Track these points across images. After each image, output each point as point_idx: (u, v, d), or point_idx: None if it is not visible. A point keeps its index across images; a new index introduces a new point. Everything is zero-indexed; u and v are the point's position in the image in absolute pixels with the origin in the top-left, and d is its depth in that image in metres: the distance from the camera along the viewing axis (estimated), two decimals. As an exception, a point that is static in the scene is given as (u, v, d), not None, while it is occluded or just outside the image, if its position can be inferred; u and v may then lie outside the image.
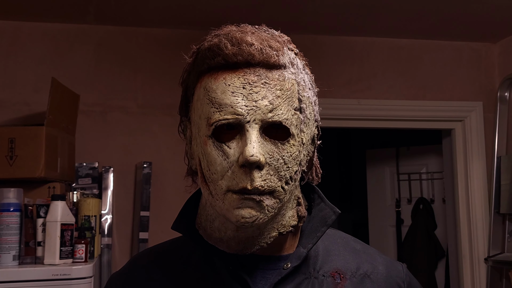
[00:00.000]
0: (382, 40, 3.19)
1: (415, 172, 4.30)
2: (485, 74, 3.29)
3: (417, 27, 3.05)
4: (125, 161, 2.78)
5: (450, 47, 3.26)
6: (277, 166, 0.80)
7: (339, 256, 0.93)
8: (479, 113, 3.26)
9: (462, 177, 3.24)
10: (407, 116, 3.22)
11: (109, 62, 2.87)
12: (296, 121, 0.83)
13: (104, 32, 2.88)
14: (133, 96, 2.86)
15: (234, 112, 0.79)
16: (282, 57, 0.85)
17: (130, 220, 2.77)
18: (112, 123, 2.82)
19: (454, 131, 3.29)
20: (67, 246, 1.97)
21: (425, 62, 3.24)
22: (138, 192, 2.72)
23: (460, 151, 3.27)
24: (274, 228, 0.86)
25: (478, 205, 3.20)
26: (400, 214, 4.35)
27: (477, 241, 3.17)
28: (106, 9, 2.70)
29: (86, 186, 2.64)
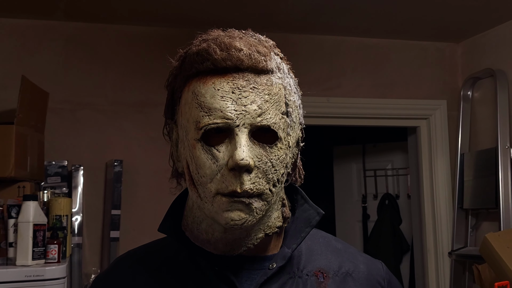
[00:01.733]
0: (351, 39, 3.24)
1: (380, 168, 4.39)
2: (449, 73, 3.38)
3: (385, 27, 3.11)
4: (95, 159, 2.75)
5: (416, 46, 3.34)
6: (265, 169, 0.82)
7: (321, 256, 0.95)
8: (443, 111, 3.35)
9: (427, 173, 3.33)
10: (375, 114, 3.29)
11: (78, 59, 2.83)
12: (283, 124, 0.85)
13: (73, 29, 2.83)
14: (103, 93, 2.83)
15: (223, 116, 0.81)
16: (269, 62, 0.87)
17: (100, 219, 2.75)
18: (82, 120, 2.79)
19: (419, 129, 3.38)
20: (39, 247, 1.95)
21: (392, 61, 3.30)
22: (109, 190, 2.70)
23: (425, 148, 3.35)
24: (261, 229, 0.88)
25: (442, 201, 3.29)
26: (366, 209, 4.44)
27: (441, 235, 3.27)
28: (76, 5, 2.66)
29: (55, 185, 2.60)
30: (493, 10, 2.84)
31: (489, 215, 3.09)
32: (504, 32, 3.03)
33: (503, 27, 3.03)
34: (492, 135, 3.05)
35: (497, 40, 3.08)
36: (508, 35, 3.00)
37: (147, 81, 2.87)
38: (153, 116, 2.86)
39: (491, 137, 3.07)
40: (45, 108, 2.53)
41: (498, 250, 2.18)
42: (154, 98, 2.87)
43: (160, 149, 2.83)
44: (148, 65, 2.88)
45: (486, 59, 3.16)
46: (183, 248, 0.92)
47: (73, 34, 2.83)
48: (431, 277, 3.27)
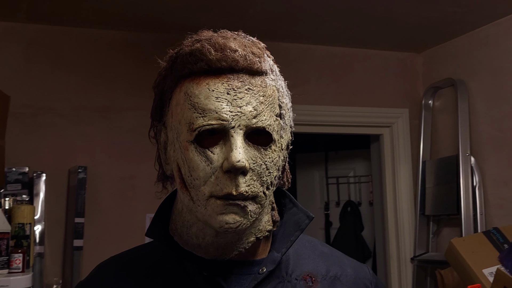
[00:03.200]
0: (316, 47, 3.27)
1: (343, 175, 4.44)
2: (411, 82, 3.46)
3: (349, 36, 3.16)
4: (57, 166, 2.67)
5: (379, 56, 3.40)
6: (260, 171, 0.81)
7: (309, 260, 0.95)
8: (405, 120, 3.42)
9: (390, 181, 3.39)
10: (339, 121, 3.33)
11: (40, 62, 2.74)
12: (277, 127, 0.85)
13: (36, 31, 2.75)
14: (66, 97, 2.75)
15: (219, 117, 0.79)
16: (263, 63, 0.87)
17: (63, 227, 2.66)
18: (44, 125, 2.70)
19: (382, 137, 3.43)
20: (3, 256, 1.87)
21: (356, 69, 3.35)
22: (72, 198, 2.62)
23: (388, 156, 3.41)
24: (252, 233, 0.87)
25: (405, 207, 3.35)
26: (329, 216, 4.48)
27: (403, 241, 3.32)
28: (39, 7, 2.58)
29: (16, 192, 2.50)
30: (453, 22, 2.92)
31: (450, 221, 3.16)
32: (463, 43, 3.13)
33: (463, 38, 3.13)
34: (452, 143, 3.13)
35: (457, 50, 3.17)
36: (467, 46, 3.10)
37: (112, 86, 2.81)
38: (117, 122, 2.80)
39: (452, 145, 3.15)
40: (6, 112, 2.44)
41: (463, 255, 2.23)
42: (118, 103, 2.81)
43: (125, 156, 2.79)
44: (112, 69, 2.83)
45: (446, 69, 3.25)
46: (170, 253, 0.89)
47: (35, 37, 2.75)
48: (393, 282, 3.32)
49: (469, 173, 2.94)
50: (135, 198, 2.72)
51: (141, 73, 2.80)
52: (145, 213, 2.70)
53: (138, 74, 2.81)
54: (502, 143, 2.86)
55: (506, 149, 2.83)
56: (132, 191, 2.74)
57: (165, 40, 3.03)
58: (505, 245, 2.26)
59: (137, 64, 2.83)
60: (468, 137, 3.00)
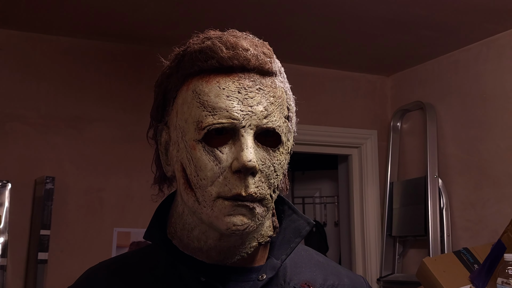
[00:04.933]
0: (287, 66, 3.26)
1: (309, 196, 4.46)
2: (379, 104, 3.52)
3: (321, 56, 3.20)
4: (23, 176, 2.57)
5: (349, 77, 3.45)
6: (268, 173, 0.80)
7: (306, 268, 0.94)
8: (374, 141, 3.47)
9: (357, 201, 3.41)
10: (308, 140, 3.33)
11: (9, 68, 2.66)
12: (285, 129, 0.85)
13: (5, 36, 2.66)
14: (35, 106, 2.67)
15: (229, 116, 0.78)
16: (274, 64, 0.87)
17: (26, 239, 2.55)
18: (10, 133, 2.60)
19: (351, 157, 3.47)
20: (-33, 266, 1.76)
21: (326, 90, 3.39)
22: (37, 209, 2.52)
23: (356, 176, 3.44)
24: (254, 237, 0.86)
25: (372, 228, 3.38)
26: (294, 236, 4.47)
27: (370, 262, 3.34)
28: (11, 12, 2.51)
29: (-22, 201, 2.40)
30: (423, 46, 3.00)
31: (416, 242, 3.20)
32: (432, 67, 3.21)
33: (432, 62, 3.21)
34: (420, 165, 3.19)
35: (427, 74, 3.26)
36: (436, 71, 3.18)
37: (82, 95, 2.74)
38: (87, 132, 2.73)
39: (419, 167, 3.21)
40: (-29, 117, 2.35)
41: (435, 274, 2.25)
42: (89, 113, 2.75)
43: (93, 167, 2.71)
44: (83, 79, 2.77)
45: (415, 92, 3.32)
46: (164, 258, 0.86)
47: (5, 42, 2.66)
48: (359, 303, 3.32)
49: (436, 195, 2.99)
50: (102, 211, 2.65)
51: (112, 84, 2.75)
52: (113, 227, 2.62)
53: (109, 85, 2.76)
54: (469, 166, 2.93)
55: (473, 172, 2.90)
56: (100, 204, 2.66)
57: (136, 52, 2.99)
58: (475, 265, 2.30)
59: (108, 75, 2.78)
60: (436, 159, 3.07)
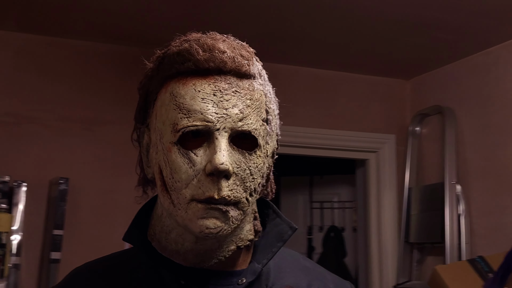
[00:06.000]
0: (304, 70, 3.28)
1: (327, 200, 4.42)
2: (398, 108, 3.47)
3: (337, 60, 3.17)
4: (39, 176, 2.61)
5: (366, 81, 3.41)
6: (244, 176, 0.79)
7: (290, 273, 0.92)
8: (392, 146, 3.42)
9: (374, 207, 3.37)
10: (324, 144, 3.31)
11: (27, 71, 2.71)
12: (263, 132, 0.83)
13: (24, 40, 2.72)
14: (51, 108, 2.72)
15: (203, 118, 0.78)
16: (252, 67, 0.86)
17: (40, 239, 2.60)
18: (27, 135, 2.66)
19: (368, 162, 3.42)
20: (-25, 264, 1.81)
21: (343, 93, 3.36)
22: (52, 209, 2.57)
23: (373, 181, 3.40)
24: (233, 241, 0.85)
25: (389, 234, 3.33)
26: (312, 241, 4.44)
27: (386, 269, 3.29)
28: (30, 17, 2.56)
29: (-5, 201, 2.45)
30: (443, 49, 2.95)
31: (434, 249, 3.14)
32: (452, 71, 3.15)
33: (451, 66, 3.15)
34: (438, 171, 3.13)
35: (445, 78, 3.20)
36: (456, 74, 3.12)
37: (97, 98, 2.78)
38: (101, 135, 2.77)
39: (437, 173, 3.15)
40: (-12, 119, 2.40)
41: (447, 282, 2.21)
42: (103, 116, 2.78)
43: (107, 169, 2.74)
44: (98, 82, 2.81)
45: (434, 96, 3.27)
46: (147, 260, 0.86)
47: (23, 46, 2.72)
48: (375, 310, 3.28)
49: (454, 201, 2.93)
50: (115, 213, 2.67)
51: (126, 87, 2.78)
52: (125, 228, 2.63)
53: (123, 88, 2.79)
54: (489, 172, 2.86)
55: (492, 178, 2.83)
56: (113, 205, 2.69)
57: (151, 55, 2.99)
58: (490, 274, 2.25)
59: (122, 77, 2.81)
60: (454, 165, 3.01)
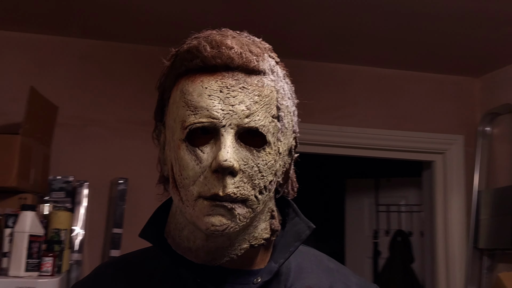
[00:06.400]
0: (364, 69, 3.21)
1: (394, 204, 4.30)
2: (467, 108, 3.31)
3: (400, 58, 3.08)
4: (100, 176, 2.72)
5: (432, 79, 3.29)
6: (251, 173, 0.78)
7: (312, 274, 0.90)
8: (460, 147, 3.27)
9: (441, 210, 3.23)
10: (388, 145, 3.22)
11: (91, 75, 2.84)
12: (273, 129, 0.81)
13: (88, 46, 2.85)
14: (113, 111, 2.82)
15: (209, 115, 0.77)
16: (262, 62, 0.83)
17: (102, 237, 2.70)
18: (90, 137, 2.77)
19: (434, 163, 3.29)
20: (34, 259, 1.90)
21: (407, 92, 3.25)
22: (112, 208, 2.66)
23: (440, 184, 3.26)
24: (246, 239, 0.83)
25: (456, 239, 3.18)
26: (378, 245, 4.34)
27: (454, 276, 3.14)
28: (91, 23, 2.68)
29: (60, 199, 2.57)
30: (512, 45, 2.79)
31: (505, 256, 2.97)
32: (524, 67, 2.97)
33: (523, 62, 2.97)
34: (510, 173, 2.96)
35: (518, 75, 3.02)
36: (528, 71, 2.94)
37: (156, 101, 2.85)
38: (162, 137, 2.83)
39: (509, 175, 2.97)
40: (53, 121, 2.53)
41: (511, 290, 2.08)
42: (163, 118, 2.85)
43: (167, 170, 2.80)
44: (158, 85, 2.87)
45: (505, 94, 3.09)
46: (165, 257, 0.87)
47: (87, 51, 2.85)
48: (442, 318, 3.14)
49: (526, 205, 2.76)
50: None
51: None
52: (183, 228, 2.69)
53: (183, 90, 2.83)
54: (562, 174, 2.67)
55: None
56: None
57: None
58: (559, 283, 2.09)
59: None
60: (526, 167, 2.83)
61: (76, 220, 2.57)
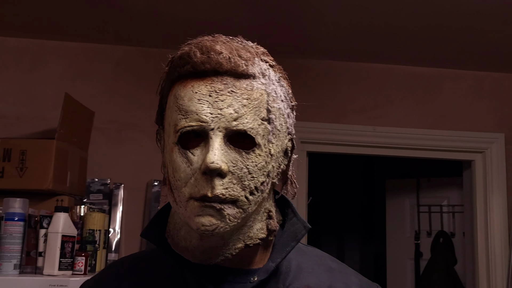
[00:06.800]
0: (399, 68, 3.17)
1: (435, 204, 4.22)
2: (507, 105, 3.22)
3: (437, 56, 3.02)
4: (136, 179, 2.80)
5: (471, 76, 3.21)
6: (241, 175, 0.80)
7: (312, 274, 0.91)
8: (501, 145, 3.18)
9: (481, 211, 3.15)
10: (425, 145, 3.17)
11: (126, 81, 2.93)
12: (263, 131, 0.83)
13: (123, 52, 2.94)
14: (147, 115, 2.89)
15: (198, 119, 0.80)
16: (251, 67, 0.85)
17: (138, 238, 2.77)
18: (126, 140, 2.86)
19: (474, 163, 3.21)
20: (67, 258, 1.99)
21: (444, 91, 3.19)
22: (147, 209, 2.74)
23: (480, 184, 3.18)
24: (240, 239, 0.85)
25: (498, 240, 3.09)
26: (419, 247, 4.26)
27: (495, 277, 3.06)
28: (124, 30, 2.77)
29: (97, 201, 2.66)
30: (553, 39, 2.69)
31: (548, 257, 2.87)
32: None
33: None
34: (553, 172, 2.86)
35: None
36: None
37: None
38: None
39: (551, 174, 2.87)
40: (89, 126, 2.62)
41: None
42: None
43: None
44: (193, 89, 2.93)
45: (546, 90, 2.99)
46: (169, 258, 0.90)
47: (122, 57, 2.94)
48: (483, 321, 3.06)
49: None
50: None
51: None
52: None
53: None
54: None
55: None
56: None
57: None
58: None
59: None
60: None
61: (114, 221, 2.65)
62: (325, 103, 3.05)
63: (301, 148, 3.03)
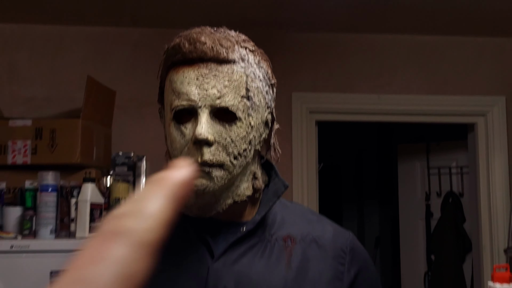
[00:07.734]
0: (402, 37, 3.29)
1: (445, 166, 4.36)
2: (508, 69, 3.32)
3: (438, 24, 3.13)
4: (156, 151, 3.01)
5: (472, 42, 3.32)
6: (225, 144, 0.99)
7: (293, 225, 1.10)
8: (502, 108, 3.30)
9: (483, 171, 3.30)
10: (429, 110, 3.31)
11: (144, 61, 3.14)
12: (243, 106, 1.01)
13: (139, 34, 3.15)
14: (165, 92, 3.11)
15: (188, 99, 0.99)
16: (231, 53, 1.03)
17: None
18: (146, 116, 3.09)
19: (476, 125, 3.35)
20: (96, 222, 2.24)
21: (446, 57, 3.31)
22: (168, 179, 2.96)
23: (483, 145, 3.33)
24: (230, 196, 1.04)
25: (499, 198, 3.25)
26: (430, 207, 4.42)
27: (497, 233, 3.23)
28: (140, 13, 2.96)
29: (122, 173, 2.90)
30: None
31: (546, 213, 3.02)
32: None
33: (560, 20, 2.95)
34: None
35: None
36: None
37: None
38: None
39: (549, 134, 3.00)
40: (112, 105, 2.86)
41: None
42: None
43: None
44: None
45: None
46: None
47: (139, 39, 3.15)
48: (487, 274, 3.24)
49: (562, 163, 2.79)
50: None
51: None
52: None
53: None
54: None
55: None
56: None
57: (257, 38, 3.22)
58: None
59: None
60: None
61: (138, 190, 2.90)
62: (332, 75, 3.21)
63: (310, 118, 3.21)
